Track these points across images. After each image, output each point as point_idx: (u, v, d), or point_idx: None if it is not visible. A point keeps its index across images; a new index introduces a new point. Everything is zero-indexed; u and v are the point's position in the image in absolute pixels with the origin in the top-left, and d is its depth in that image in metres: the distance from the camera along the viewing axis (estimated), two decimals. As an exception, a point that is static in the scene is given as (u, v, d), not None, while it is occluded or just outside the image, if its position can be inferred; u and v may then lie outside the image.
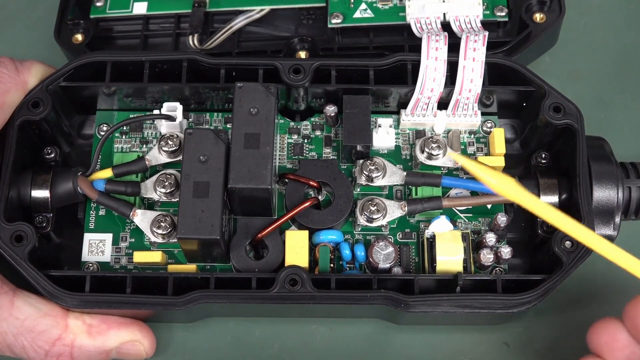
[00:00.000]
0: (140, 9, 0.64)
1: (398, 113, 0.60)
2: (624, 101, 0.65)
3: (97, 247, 0.58)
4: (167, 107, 0.58)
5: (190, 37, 0.62)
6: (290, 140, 0.60)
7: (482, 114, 0.60)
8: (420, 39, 0.59)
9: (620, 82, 0.66)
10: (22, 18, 0.69)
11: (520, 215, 0.59)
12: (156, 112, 0.58)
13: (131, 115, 0.61)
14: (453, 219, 0.58)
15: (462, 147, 0.60)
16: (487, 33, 0.58)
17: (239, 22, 0.62)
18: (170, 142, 0.58)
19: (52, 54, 0.62)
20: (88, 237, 0.58)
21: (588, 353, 0.53)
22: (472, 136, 0.60)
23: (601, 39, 0.67)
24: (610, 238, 0.57)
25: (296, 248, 0.55)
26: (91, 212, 0.58)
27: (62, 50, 0.64)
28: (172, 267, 0.56)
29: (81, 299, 0.53)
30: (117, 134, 0.60)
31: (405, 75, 0.58)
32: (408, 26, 0.61)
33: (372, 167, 0.57)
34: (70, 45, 0.64)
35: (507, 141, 0.60)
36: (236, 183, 0.54)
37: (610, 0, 0.68)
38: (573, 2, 0.67)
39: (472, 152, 0.60)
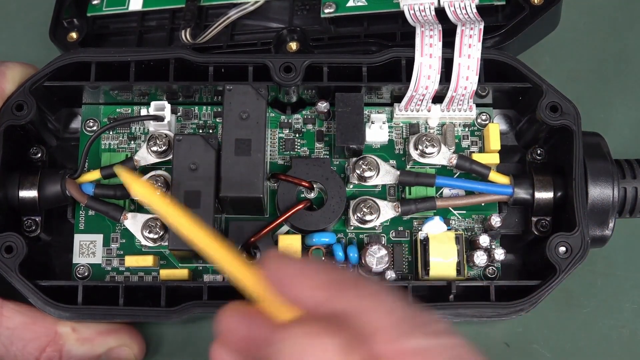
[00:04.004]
0: (135, 5, 0.63)
1: (391, 105, 0.59)
2: (623, 101, 0.64)
3: (88, 249, 0.57)
4: (155, 106, 0.56)
5: (183, 32, 0.60)
6: (281, 135, 0.59)
7: (477, 105, 0.59)
8: (413, 27, 0.57)
9: (620, 82, 0.65)
10: (21, 19, 0.68)
11: (514, 212, 0.59)
12: (144, 111, 0.57)
13: (118, 110, 0.59)
14: (446, 216, 0.58)
15: (457, 140, 0.59)
16: (482, 27, 0.56)
17: (232, 15, 0.60)
18: (159, 142, 0.56)
19: (49, 53, 0.60)
20: (78, 238, 0.57)
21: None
22: (467, 129, 0.59)
23: (601, 39, 0.66)
24: (605, 238, 0.56)
25: (289, 253, 0.55)
26: (81, 212, 0.58)
27: (58, 49, 0.63)
28: (164, 273, 0.56)
29: (74, 311, 0.53)
30: (104, 130, 0.59)
31: (399, 71, 0.57)
32: (402, 13, 0.59)
33: (365, 167, 0.57)
34: (65, 44, 0.62)
35: (502, 132, 0.59)
36: (227, 192, 0.53)
37: (610, 0, 0.67)
38: (573, 2, 0.65)
39: (467, 146, 0.59)
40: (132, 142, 0.59)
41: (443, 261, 0.55)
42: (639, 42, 0.67)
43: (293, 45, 0.61)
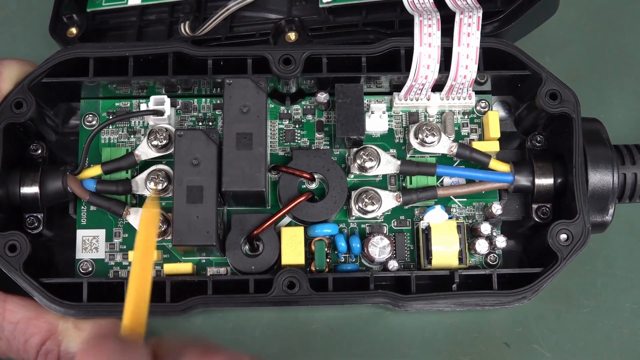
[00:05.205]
0: None
1: (390, 94, 0.59)
2: (623, 101, 0.65)
3: (91, 244, 0.57)
4: (154, 101, 0.56)
5: (182, 25, 0.60)
6: (281, 126, 0.59)
7: (476, 92, 0.59)
8: (411, 15, 0.57)
9: (620, 82, 0.65)
10: (21, 15, 0.68)
11: (514, 198, 0.59)
12: (143, 105, 0.57)
13: (117, 104, 0.59)
14: (447, 204, 0.58)
15: (456, 128, 0.59)
16: (480, 14, 0.56)
17: (231, 7, 0.60)
18: (159, 136, 0.56)
19: (50, 49, 0.59)
20: (81, 233, 0.58)
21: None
22: (466, 117, 0.59)
23: (601, 39, 0.66)
24: (605, 223, 0.57)
25: (292, 245, 0.55)
26: (82, 207, 0.58)
27: (58, 45, 0.62)
28: (168, 267, 0.56)
29: (79, 308, 0.53)
30: (103, 124, 0.59)
31: (399, 61, 0.57)
32: (400, 1, 0.59)
33: (366, 157, 0.57)
34: (65, 39, 0.62)
35: (500, 119, 0.59)
36: (229, 187, 0.54)
37: (610, 0, 0.67)
38: (573, 2, 0.65)
39: (466, 134, 0.59)
40: (132, 137, 0.59)
41: (445, 250, 0.56)
42: (636, 31, 0.67)
43: (292, 36, 0.61)
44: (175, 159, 0.54)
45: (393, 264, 0.56)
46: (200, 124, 0.59)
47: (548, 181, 0.56)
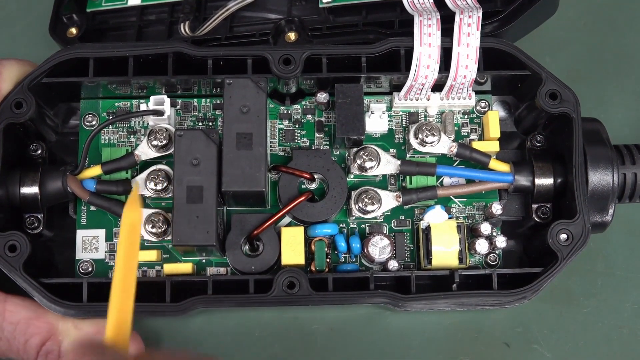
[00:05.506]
0: None
1: (390, 94, 0.59)
2: (623, 101, 0.65)
3: (91, 244, 0.57)
4: (154, 101, 0.56)
5: (182, 25, 0.60)
6: (281, 126, 0.59)
7: (476, 92, 0.59)
8: (411, 15, 0.57)
9: (620, 82, 0.65)
10: (22, 17, 0.68)
11: (514, 198, 0.59)
12: (143, 106, 0.57)
13: (117, 104, 0.59)
14: (447, 204, 0.58)
15: (456, 128, 0.59)
16: (480, 14, 0.56)
17: (231, 7, 0.60)
18: (159, 136, 0.56)
19: (50, 50, 0.59)
20: (81, 233, 0.58)
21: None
22: (466, 117, 0.59)
23: (601, 39, 0.66)
24: (605, 223, 0.57)
25: (292, 245, 0.55)
26: (82, 207, 0.58)
27: (58, 45, 0.62)
28: (168, 268, 0.56)
29: (79, 309, 0.53)
30: (103, 124, 0.59)
31: (399, 61, 0.57)
32: (400, 1, 0.59)
33: (366, 157, 0.57)
34: (65, 39, 0.62)
35: (500, 119, 0.59)
36: (229, 187, 0.54)
37: (610, 0, 0.67)
38: (573, 2, 0.65)
39: (466, 134, 0.59)
40: (132, 137, 0.59)
41: (445, 250, 0.56)
42: (636, 31, 0.67)
43: (292, 36, 0.61)
44: (175, 159, 0.54)
45: (393, 264, 0.56)
46: (200, 124, 0.59)
47: (548, 181, 0.57)
